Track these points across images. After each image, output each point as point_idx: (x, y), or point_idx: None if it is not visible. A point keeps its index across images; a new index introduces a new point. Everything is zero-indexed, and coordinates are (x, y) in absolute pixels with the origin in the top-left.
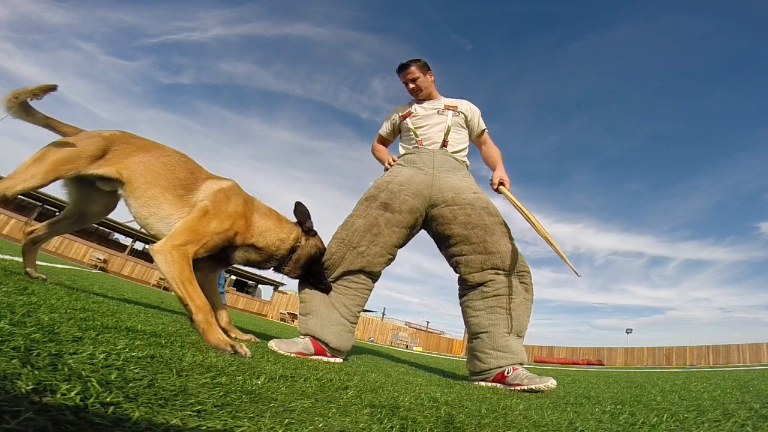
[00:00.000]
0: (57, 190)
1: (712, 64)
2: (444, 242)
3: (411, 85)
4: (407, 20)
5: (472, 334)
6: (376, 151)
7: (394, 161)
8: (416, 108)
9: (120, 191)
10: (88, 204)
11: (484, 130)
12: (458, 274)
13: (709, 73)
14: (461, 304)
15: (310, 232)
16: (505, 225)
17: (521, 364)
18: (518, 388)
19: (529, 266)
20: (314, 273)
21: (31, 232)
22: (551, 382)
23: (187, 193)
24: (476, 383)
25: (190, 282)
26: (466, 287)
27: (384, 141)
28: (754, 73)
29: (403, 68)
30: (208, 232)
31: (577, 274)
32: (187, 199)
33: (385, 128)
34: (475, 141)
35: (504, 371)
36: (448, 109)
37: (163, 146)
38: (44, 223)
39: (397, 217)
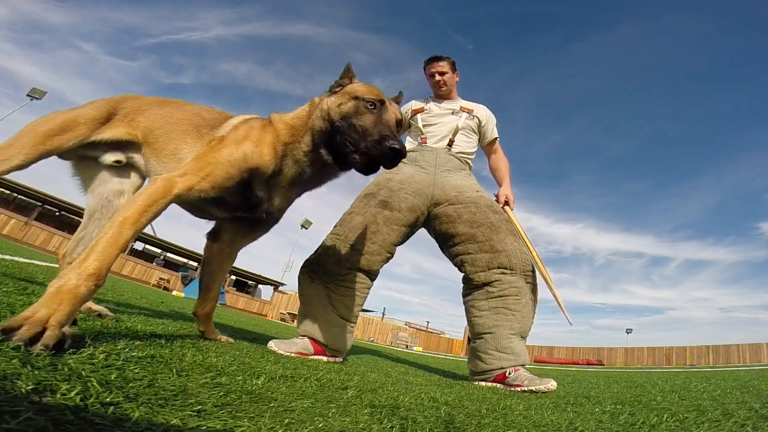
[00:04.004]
0: (56, 188)
1: (713, 64)
2: (448, 241)
3: (437, 78)
4: (408, 20)
5: (476, 334)
6: None
7: None
8: (431, 105)
9: (137, 158)
10: (101, 181)
11: (495, 138)
12: (463, 274)
13: (710, 72)
14: (465, 303)
15: (331, 92)
16: (510, 222)
17: (523, 365)
18: (519, 388)
19: (534, 265)
20: (338, 145)
21: (63, 256)
22: (551, 384)
23: (210, 131)
24: (477, 383)
25: (130, 223)
26: (470, 287)
27: None
28: (755, 72)
29: (434, 60)
30: (213, 161)
31: (570, 322)
32: (208, 136)
33: None
34: (485, 148)
35: (505, 372)
36: (464, 111)
37: (180, 101)
38: (71, 241)
39: (396, 215)
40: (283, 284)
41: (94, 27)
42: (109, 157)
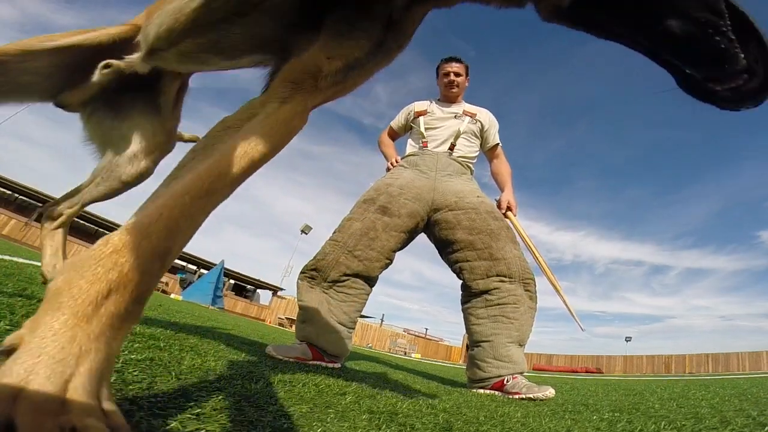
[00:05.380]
0: (57, 189)
1: None
2: (447, 248)
3: (452, 77)
4: None
5: (474, 342)
6: (382, 144)
7: (396, 162)
8: (434, 108)
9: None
10: (118, 142)
11: (497, 144)
12: (461, 281)
13: None
14: (463, 310)
15: None
16: (510, 230)
17: (521, 373)
18: (516, 396)
19: (533, 273)
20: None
21: (49, 214)
22: (549, 392)
23: None
24: (475, 390)
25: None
26: (469, 294)
27: (394, 134)
28: None
29: (452, 60)
30: None
31: (581, 328)
32: None
33: (397, 121)
34: (487, 154)
35: (503, 380)
36: (466, 115)
37: None
38: (62, 196)
39: (395, 221)
40: (282, 289)
41: None
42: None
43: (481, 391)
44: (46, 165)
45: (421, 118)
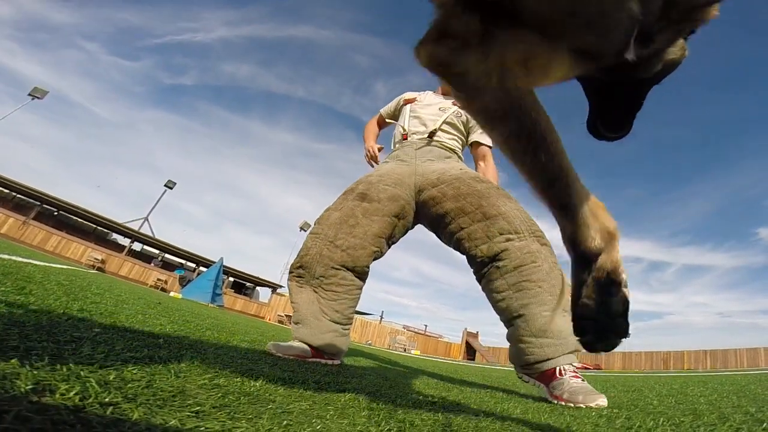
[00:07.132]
0: (55, 188)
1: (713, 69)
2: (440, 224)
3: None
4: (410, 23)
5: (505, 321)
6: (366, 130)
7: (379, 150)
8: (423, 96)
9: None
10: None
11: (483, 144)
12: (464, 254)
13: (710, 78)
14: (482, 289)
15: None
16: (501, 188)
17: (573, 352)
18: (555, 401)
19: (539, 226)
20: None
21: None
22: (602, 400)
23: None
24: (521, 377)
25: None
26: (477, 265)
27: (382, 121)
28: (755, 78)
29: None
30: None
31: None
32: None
33: (387, 108)
34: (472, 151)
35: (558, 369)
36: (455, 105)
37: None
38: None
39: (375, 206)
40: (281, 286)
41: (98, 27)
42: None
43: (526, 379)
44: (43, 163)
45: (408, 106)
